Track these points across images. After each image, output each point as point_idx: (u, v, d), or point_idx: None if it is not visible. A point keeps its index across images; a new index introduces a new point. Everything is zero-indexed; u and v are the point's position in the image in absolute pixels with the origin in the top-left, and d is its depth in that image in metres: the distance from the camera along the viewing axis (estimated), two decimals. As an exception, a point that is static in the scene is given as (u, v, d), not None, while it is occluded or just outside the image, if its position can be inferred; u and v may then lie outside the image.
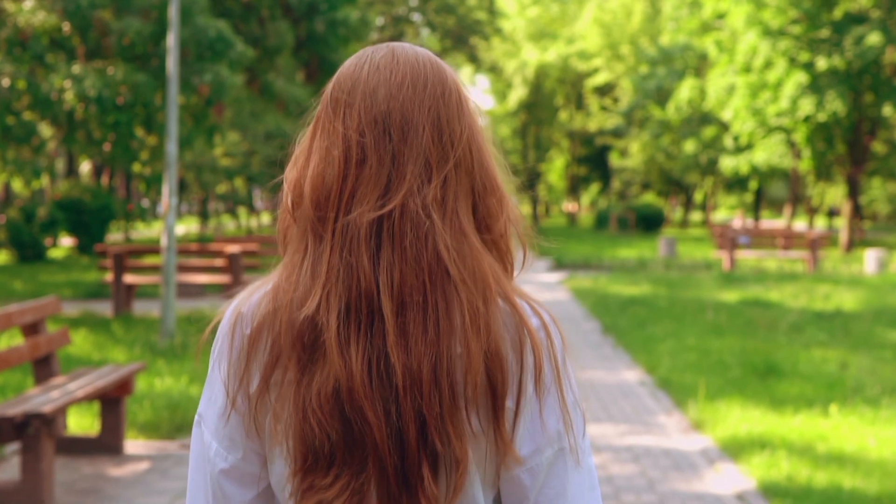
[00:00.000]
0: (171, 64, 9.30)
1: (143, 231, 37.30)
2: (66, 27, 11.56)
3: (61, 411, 5.12)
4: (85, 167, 35.62)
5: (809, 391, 7.47)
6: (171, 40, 9.30)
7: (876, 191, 52.90)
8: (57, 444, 5.78)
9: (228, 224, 44.70)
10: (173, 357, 8.83)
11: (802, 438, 6.03)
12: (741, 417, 6.51)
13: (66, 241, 27.40)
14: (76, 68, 10.97)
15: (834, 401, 7.01)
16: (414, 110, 1.14)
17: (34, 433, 4.83)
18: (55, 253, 25.19)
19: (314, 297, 1.11)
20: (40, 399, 5.18)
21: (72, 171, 33.17)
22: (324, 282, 1.11)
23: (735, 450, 5.87)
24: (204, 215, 32.31)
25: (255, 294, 1.19)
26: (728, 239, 19.62)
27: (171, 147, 9.49)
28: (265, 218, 49.40)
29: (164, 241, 9.55)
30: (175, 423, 6.43)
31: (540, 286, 17.28)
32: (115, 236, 32.18)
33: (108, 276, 12.71)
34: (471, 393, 1.09)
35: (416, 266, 1.10)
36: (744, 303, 13.53)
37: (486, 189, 1.18)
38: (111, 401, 5.95)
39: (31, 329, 5.76)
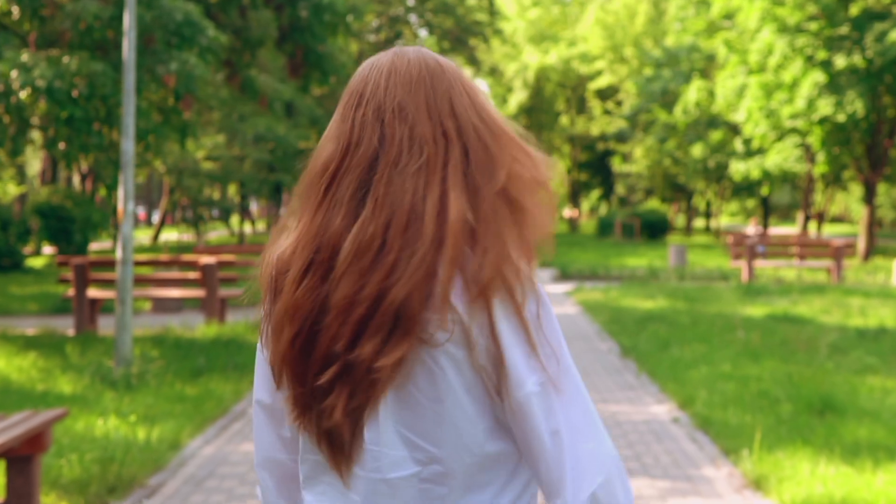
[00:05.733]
0: (127, 49, 8.05)
1: (140, 238, 35.95)
2: (16, 11, 10.28)
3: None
4: (76, 174, 34.33)
5: (881, 435, 6.22)
6: (127, 21, 8.06)
7: (881, 196, 51.75)
8: (-54, 517, 4.56)
9: (222, 231, 43.36)
10: (126, 389, 7.58)
11: (895, 505, 4.78)
12: (812, 474, 5.25)
13: (49, 250, 26.17)
14: (24, 56, 9.66)
15: (918, 449, 5.75)
16: (406, 99, 1.30)
17: None
18: (35, 262, 23.97)
19: (289, 249, 1.31)
20: None
21: (55, 176, 31.91)
22: (299, 237, 1.30)
23: (812, 521, 4.62)
24: (190, 222, 31.05)
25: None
26: (747, 248, 18.34)
27: (128, 145, 8.24)
28: (260, 225, 48.17)
29: (119, 254, 8.30)
30: (107, 482, 5.17)
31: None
32: (102, 244, 30.92)
33: (70, 291, 11.49)
34: (378, 322, 1.22)
35: (385, 222, 1.24)
36: (773, 318, 12.28)
37: (480, 163, 1.28)
38: (20, 459, 4.70)
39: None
